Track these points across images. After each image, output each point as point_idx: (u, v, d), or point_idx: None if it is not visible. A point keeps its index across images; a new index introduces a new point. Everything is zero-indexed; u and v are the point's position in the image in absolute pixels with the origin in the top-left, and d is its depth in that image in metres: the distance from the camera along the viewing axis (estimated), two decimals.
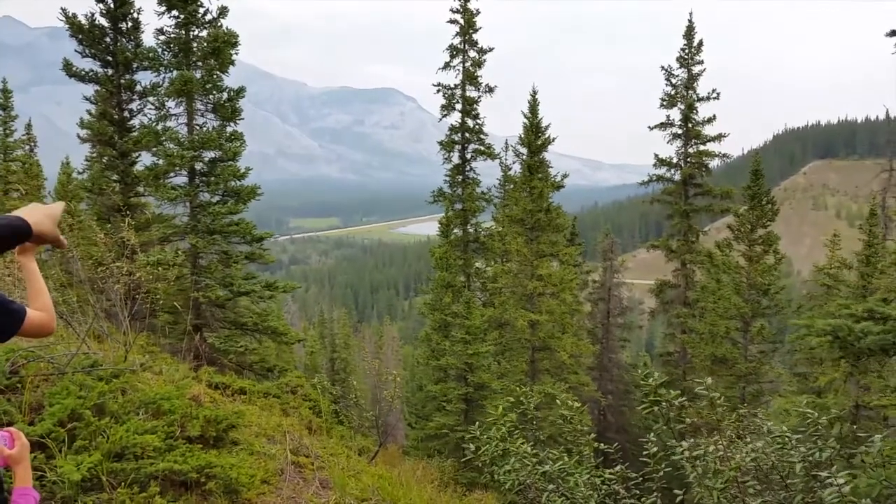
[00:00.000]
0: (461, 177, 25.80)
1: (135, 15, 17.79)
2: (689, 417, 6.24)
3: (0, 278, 7.85)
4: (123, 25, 17.77)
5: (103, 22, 17.56)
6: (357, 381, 16.86)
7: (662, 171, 27.94)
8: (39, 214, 1.46)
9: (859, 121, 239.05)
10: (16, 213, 1.47)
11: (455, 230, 24.22)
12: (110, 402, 5.70)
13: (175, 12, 16.21)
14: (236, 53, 16.45)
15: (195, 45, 16.32)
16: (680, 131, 27.50)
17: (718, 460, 5.37)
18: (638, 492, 5.62)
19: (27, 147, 29.58)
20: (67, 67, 17.32)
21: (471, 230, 24.73)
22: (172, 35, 16.42)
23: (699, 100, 27.26)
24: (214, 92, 16.22)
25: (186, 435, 5.62)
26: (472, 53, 25.65)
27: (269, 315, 14.50)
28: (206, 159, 15.79)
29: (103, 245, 8.10)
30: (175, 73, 16.10)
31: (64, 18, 17.29)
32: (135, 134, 17.34)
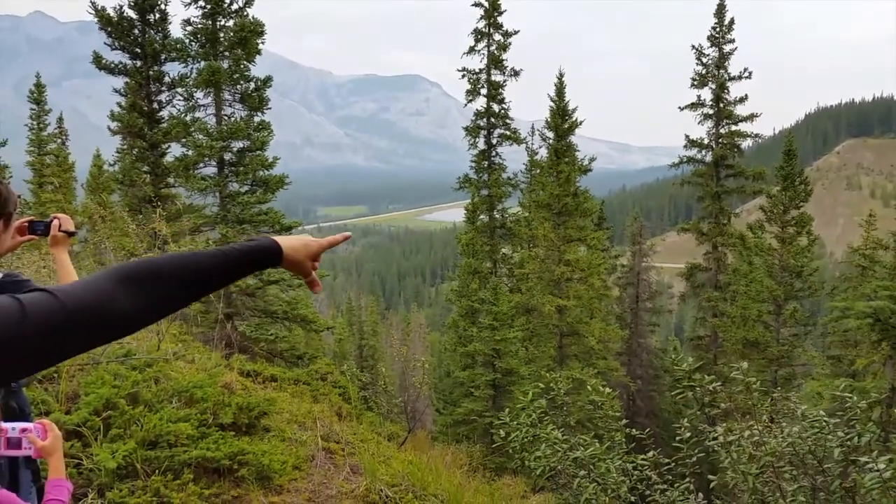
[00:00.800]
0: (487, 162, 25.65)
1: (162, 6, 17.90)
2: (722, 402, 6.15)
3: (37, 270, 8.01)
4: (151, 17, 17.91)
5: (132, 14, 17.72)
6: (385, 367, 16.96)
7: (693, 152, 27.49)
8: (297, 243, 1.40)
9: (895, 97, 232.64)
10: (276, 237, 1.39)
11: (481, 216, 24.13)
12: (144, 391, 5.78)
13: (202, 2, 16.33)
14: (262, 43, 16.53)
15: (222, 35, 16.43)
16: (711, 112, 27.00)
17: (754, 445, 5.29)
18: (670, 477, 5.56)
19: (59, 140, 30.09)
20: (97, 60, 17.53)
21: (497, 216, 24.62)
22: (199, 25, 16.55)
23: (730, 79, 26.71)
24: (242, 82, 16.34)
25: (219, 422, 5.68)
26: (497, 37, 25.40)
27: (298, 303, 14.63)
28: (235, 149, 15.95)
29: (135, 236, 8.21)
30: (203, 63, 16.23)
31: (93, 12, 17.47)
32: (164, 125, 17.53)
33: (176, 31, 17.73)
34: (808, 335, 23.72)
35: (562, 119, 24.65)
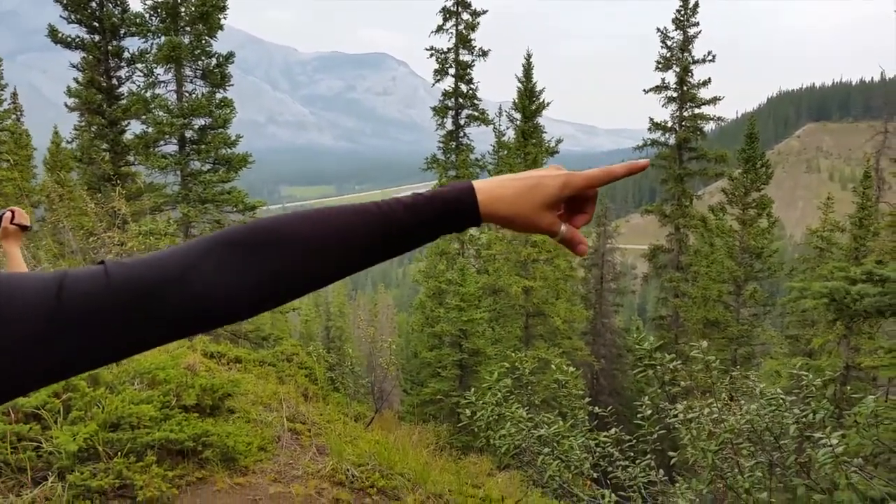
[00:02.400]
0: (455, 143, 25.62)
1: None
2: (682, 380, 6.28)
3: None
4: None
5: None
6: (352, 348, 16.95)
7: (657, 135, 27.79)
8: (517, 186, 0.89)
9: (854, 83, 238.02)
10: (480, 181, 0.90)
11: None
12: (104, 373, 5.69)
13: None
14: (225, 18, 16.22)
15: (183, 9, 16.05)
16: (675, 94, 27.29)
17: (713, 422, 5.41)
18: (632, 454, 5.67)
19: (14, 116, 29.14)
20: (53, 34, 16.98)
21: None
22: (160, 0, 16.14)
23: (694, 62, 26.99)
24: (203, 58, 16.04)
25: (182, 404, 5.62)
26: (466, 16, 25.28)
27: None
28: (196, 127, 15.68)
29: (94, 215, 8.02)
30: (163, 38, 15.85)
31: None
32: (123, 102, 17.12)
33: (136, 4, 17.29)
34: (767, 315, 24.33)
35: (529, 100, 24.68)
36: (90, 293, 0.75)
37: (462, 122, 25.83)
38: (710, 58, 27.14)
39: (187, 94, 16.04)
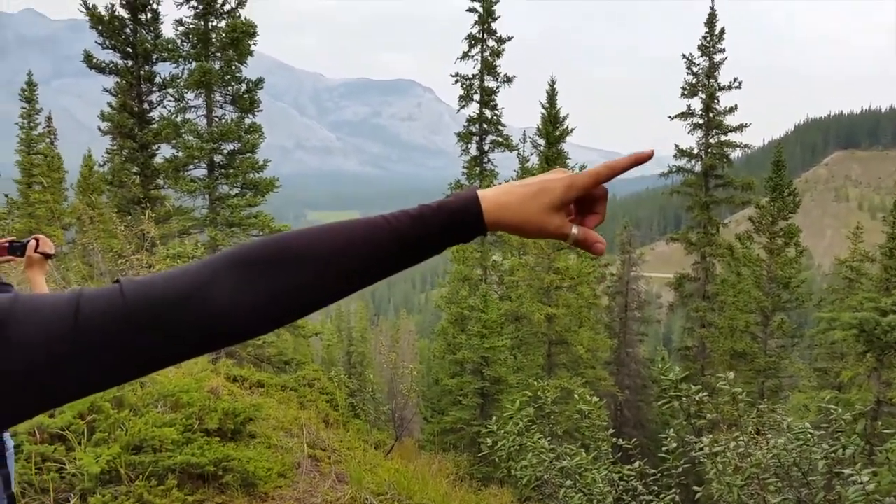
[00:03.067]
0: (479, 168, 25.73)
1: (154, 6, 17.83)
2: (708, 413, 6.16)
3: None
4: (143, 16, 17.83)
5: (123, 13, 17.64)
6: (374, 374, 16.92)
7: (683, 161, 27.63)
8: (521, 193, 0.88)
9: (883, 110, 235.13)
10: (485, 190, 0.88)
11: None
12: (129, 395, 5.74)
13: (194, 2, 16.38)
14: (254, 44, 16.54)
15: (214, 35, 16.43)
16: (701, 121, 27.17)
17: (739, 457, 5.30)
18: (656, 488, 5.57)
19: (48, 140, 29.88)
20: (88, 59, 17.45)
21: None
22: (191, 26, 16.56)
23: (720, 89, 26.89)
24: (233, 83, 16.35)
25: (204, 428, 5.65)
26: (491, 43, 25.53)
27: None
28: (225, 151, 15.94)
29: (123, 237, 8.16)
30: (194, 64, 16.21)
31: (84, 10, 17.38)
32: (155, 126, 17.46)
33: (168, 31, 17.73)
34: (795, 347, 23.86)
35: (553, 126, 24.75)
36: (106, 313, 0.75)
37: (486, 147, 25.96)
38: (736, 84, 27.04)
39: (217, 119, 16.34)
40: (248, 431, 6.06)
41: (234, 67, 16.27)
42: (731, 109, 27.00)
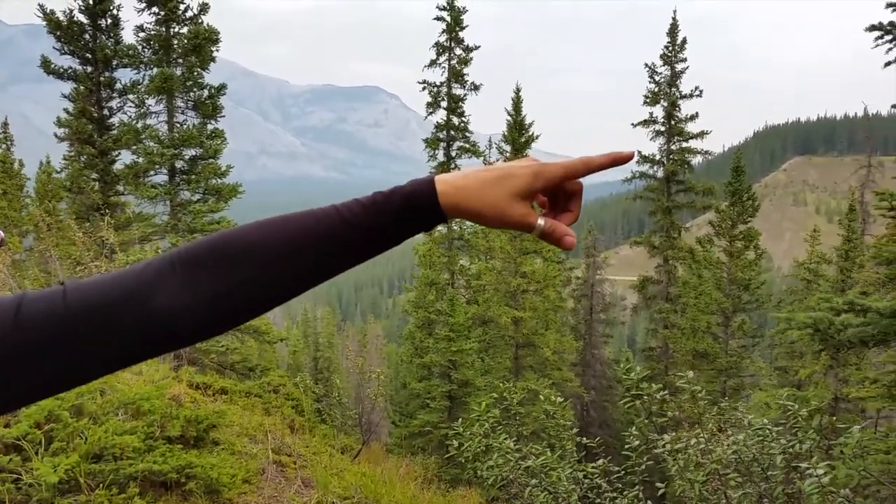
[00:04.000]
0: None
1: (114, 11, 17.49)
2: (670, 411, 6.27)
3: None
4: (103, 22, 17.48)
5: (82, 18, 17.28)
6: (340, 379, 16.85)
7: (645, 167, 28.06)
8: (483, 177, 0.82)
9: (839, 118, 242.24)
10: (444, 175, 0.83)
11: (439, 228, 24.18)
12: (88, 403, 5.62)
13: (155, 9, 16.13)
14: (217, 50, 16.35)
15: (175, 42, 16.21)
16: (663, 128, 27.64)
17: (700, 453, 5.40)
18: (620, 486, 5.64)
19: (3, 146, 29.17)
20: (46, 65, 17.02)
21: (455, 228, 24.73)
22: (153, 32, 16.31)
23: (682, 97, 27.40)
24: (195, 89, 16.14)
25: (166, 435, 5.56)
26: (459, 51, 25.65)
27: None
28: (187, 157, 15.71)
29: (82, 244, 8.00)
30: (155, 70, 15.97)
31: (41, 15, 16.99)
32: (115, 132, 17.13)
33: (129, 36, 17.40)
34: (755, 346, 24.38)
35: (519, 133, 24.95)
36: (48, 314, 0.73)
37: (454, 153, 26.04)
38: (697, 93, 27.57)
39: (178, 125, 16.11)
40: (211, 438, 5.98)
41: (196, 73, 16.05)
42: (693, 117, 27.52)
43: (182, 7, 16.22)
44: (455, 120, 25.92)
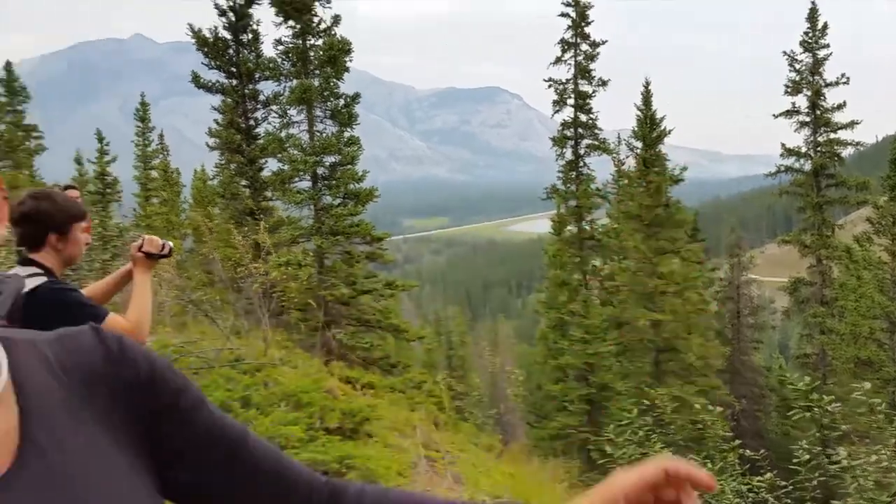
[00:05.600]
0: (574, 173, 25.37)
1: (254, 27, 18.53)
2: (842, 424, 5.79)
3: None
4: (244, 37, 18.55)
5: (226, 35, 18.39)
6: (477, 378, 17.03)
7: (790, 161, 26.25)
8: None
9: None
10: None
11: (569, 227, 23.85)
12: (255, 395, 6.01)
13: (291, 22, 16.95)
14: (350, 60, 16.98)
15: (312, 53, 17.00)
16: (807, 119, 25.76)
17: (882, 471, 4.97)
18: (788, 501, 5.28)
19: (161, 156, 31.73)
20: (196, 79, 18.37)
21: (586, 227, 24.26)
22: (290, 45, 17.18)
23: (826, 85, 25.42)
24: (332, 99, 16.83)
25: (325, 426, 5.84)
26: (585, 47, 25.21)
27: (390, 312, 14.86)
28: (327, 164, 16.43)
29: (241, 247, 8.58)
30: (295, 81, 16.84)
31: (190, 33, 18.36)
32: (260, 141, 18.19)
33: (268, 50, 18.41)
34: None
35: (650, 128, 24.11)
36: (261, 458, 0.80)
37: (582, 151, 25.58)
38: (843, 80, 25.47)
39: (318, 133, 16.87)
40: (364, 430, 6.21)
41: (332, 84, 16.74)
42: (840, 106, 25.47)
43: (316, 20, 16.99)
44: (582, 117, 25.48)
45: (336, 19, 17.11)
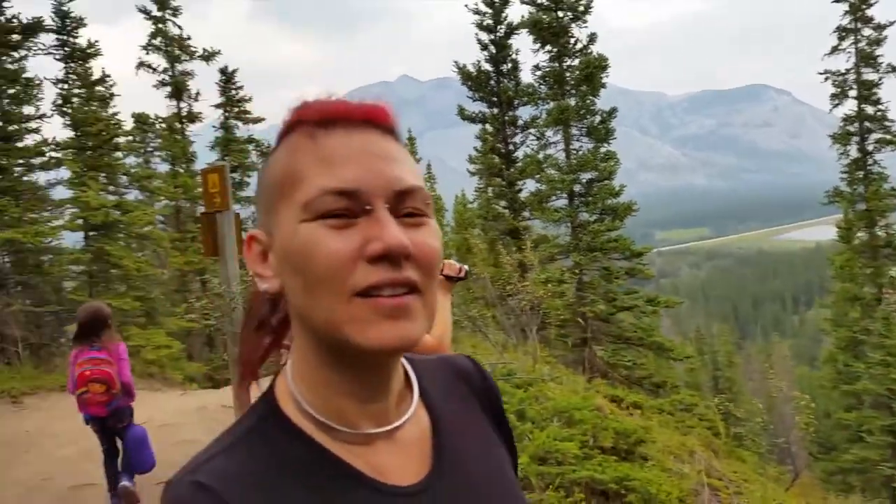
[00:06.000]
0: (862, 172, 22.42)
1: (513, 56, 19.57)
2: None
3: None
4: (504, 67, 19.68)
5: (487, 67, 19.71)
6: (747, 402, 15.63)
7: None
8: None
9: None
10: None
11: (859, 234, 21.06)
12: (528, 409, 6.24)
13: (548, 46, 17.52)
14: (607, 76, 16.99)
15: (568, 74, 17.38)
16: None
17: None
18: None
19: (428, 185, 34.43)
20: (461, 112, 19.83)
21: (880, 233, 21.22)
22: (547, 69, 17.76)
23: None
24: (588, 116, 17.01)
25: (598, 445, 5.85)
26: (867, 31, 22.46)
27: (653, 330, 14.42)
28: (584, 181, 16.60)
29: (508, 265, 9.01)
30: (552, 104, 17.32)
31: (456, 69, 19.87)
32: (519, 164, 19.03)
33: (526, 76, 19.25)
34: None
35: None
36: None
37: (870, 147, 22.52)
38: None
39: (574, 152, 17.13)
40: (639, 452, 6.11)
41: (588, 101, 16.96)
42: None
43: (572, 41, 17.33)
44: (869, 109, 22.58)
45: (592, 38, 17.39)
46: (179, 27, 19.88)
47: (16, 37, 13.21)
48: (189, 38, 19.82)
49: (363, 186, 0.64)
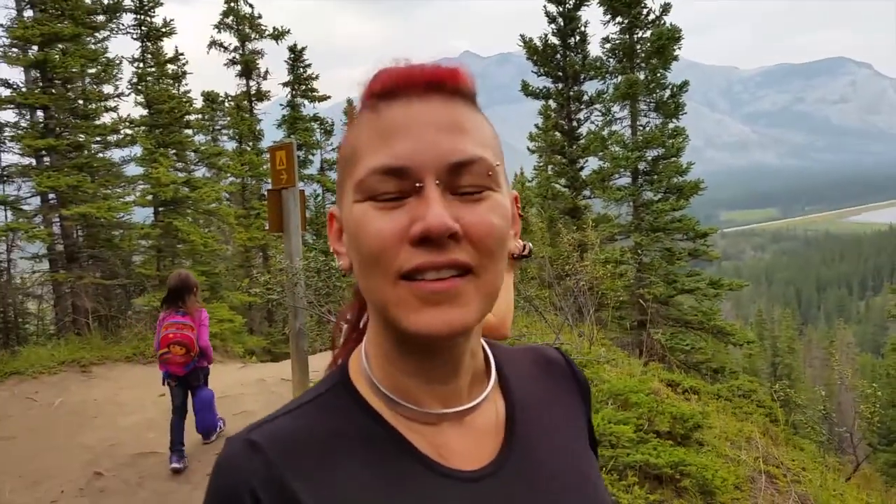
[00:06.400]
0: None
1: (582, 28, 19.09)
2: None
3: None
4: (572, 41, 19.24)
5: (554, 41, 19.30)
6: (806, 389, 15.24)
7: None
8: None
9: None
10: None
11: None
12: None
13: (619, 18, 17.06)
14: (679, 48, 16.49)
15: (639, 46, 16.93)
16: None
17: None
18: None
19: None
20: (525, 87, 19.55)
21: None
22: (617, 41, 17.34)
23: None
24: (657, 90, 16.56)
25: (654, 429, 5.87)
26: None
27: (714, 313, 14.16)
28: (650, 158, 16.23)
29: (568, 245, 9.00)
30: (620, 78, 16.93)
31: (522, 43, 19.57)
32: (582, 141, 18.70)
33: (594, 49, 18.73)
34: None
35: None
36: None
37: None
38: None
39: (641, 128, 16.75)
40: (695, 438, 6.11)
41: (658, 75, 16.50)
42: None
43: (645, 11, 16.83)
44: None
45: (665, 8, 16.82)
46: (251, 6, 20.34)
47: (100, 18, 13.77)
48: (260, 17, 20.28)
49: (413, 162, 0.62)
